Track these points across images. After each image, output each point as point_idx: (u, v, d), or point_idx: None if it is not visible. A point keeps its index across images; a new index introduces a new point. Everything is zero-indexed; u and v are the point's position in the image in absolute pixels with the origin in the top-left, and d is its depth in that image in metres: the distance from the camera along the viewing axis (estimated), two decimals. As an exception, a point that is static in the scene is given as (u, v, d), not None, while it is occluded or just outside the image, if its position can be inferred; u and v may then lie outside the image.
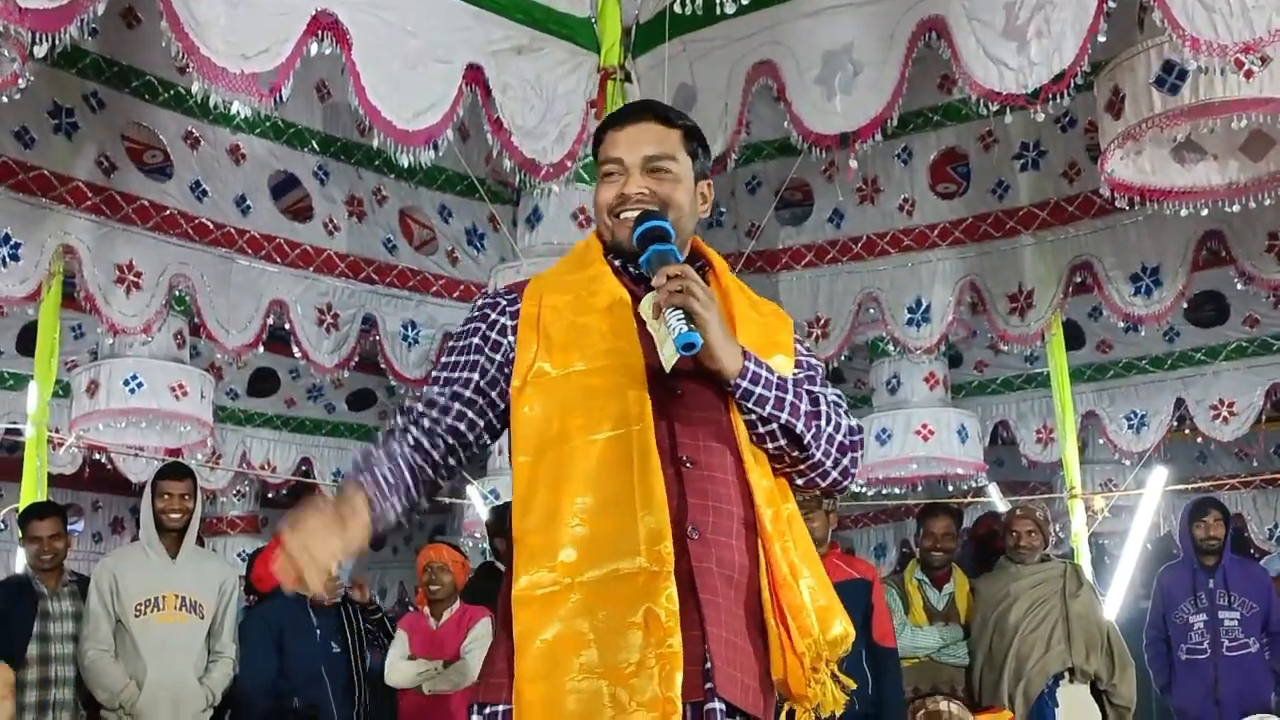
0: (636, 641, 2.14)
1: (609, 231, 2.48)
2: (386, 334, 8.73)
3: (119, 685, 5.60)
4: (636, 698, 2.12)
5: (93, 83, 7.19)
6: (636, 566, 2.18)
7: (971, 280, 8.29)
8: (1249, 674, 6.73)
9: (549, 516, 2.23)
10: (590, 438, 2.26)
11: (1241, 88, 5.38)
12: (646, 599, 2.16)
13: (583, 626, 2.16)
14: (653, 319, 2.29)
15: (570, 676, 2.13)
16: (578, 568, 2.18)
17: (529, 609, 2.19)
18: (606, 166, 2.49)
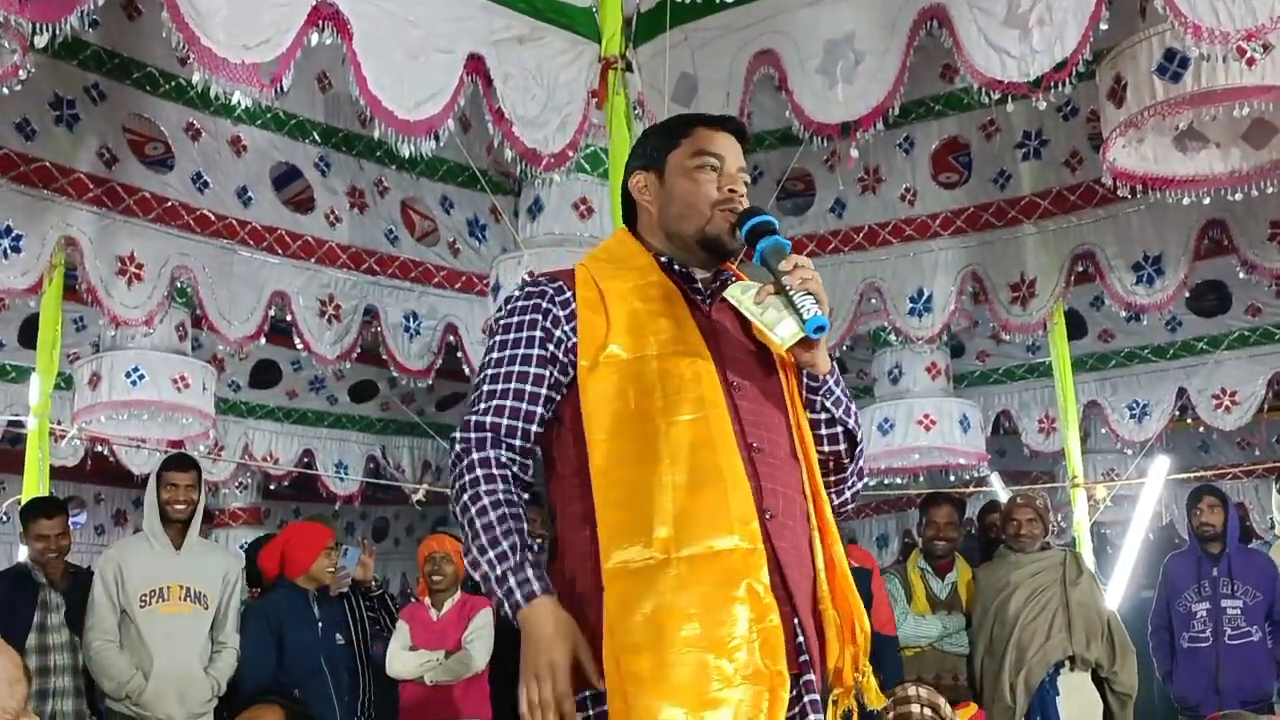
0: (740, 616, 2.18)
1: (703, 220, 2.50)
2: (388, 325, 8.73)
3: (125, 675, 5.61)
4: (741, 671, 2.15)
5: (93, 74, 7.18)
6: (732, 544, 2.21)
7: (973, 270, 8.28)
8: (1250, 663, 6.73)
9: (637, 493, 2.24)
10: (672, 419, 2.29)
11: (1244, 75, 5.37)
12: (745, 575, 2.21)
13: (683, 601, 2.17)
14: (754, 304, 2.37)
15: (675, 649, 2.14)
16: (676, 543, 2.20)
17: (623, 582, 2.19)
18: (705, 159, 2.53)
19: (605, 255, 2.60)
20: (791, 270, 2.35)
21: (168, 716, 5.62)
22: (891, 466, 9.51)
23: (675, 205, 2.54)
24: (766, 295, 2.38)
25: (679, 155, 2.56)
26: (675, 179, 2.55)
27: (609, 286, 2.45)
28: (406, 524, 15.10)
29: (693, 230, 2.51)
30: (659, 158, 2.59)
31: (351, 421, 11.99)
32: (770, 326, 2.35)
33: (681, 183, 2.54)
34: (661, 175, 2.58)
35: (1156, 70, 5.57)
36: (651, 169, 2.60)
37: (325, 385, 11.58)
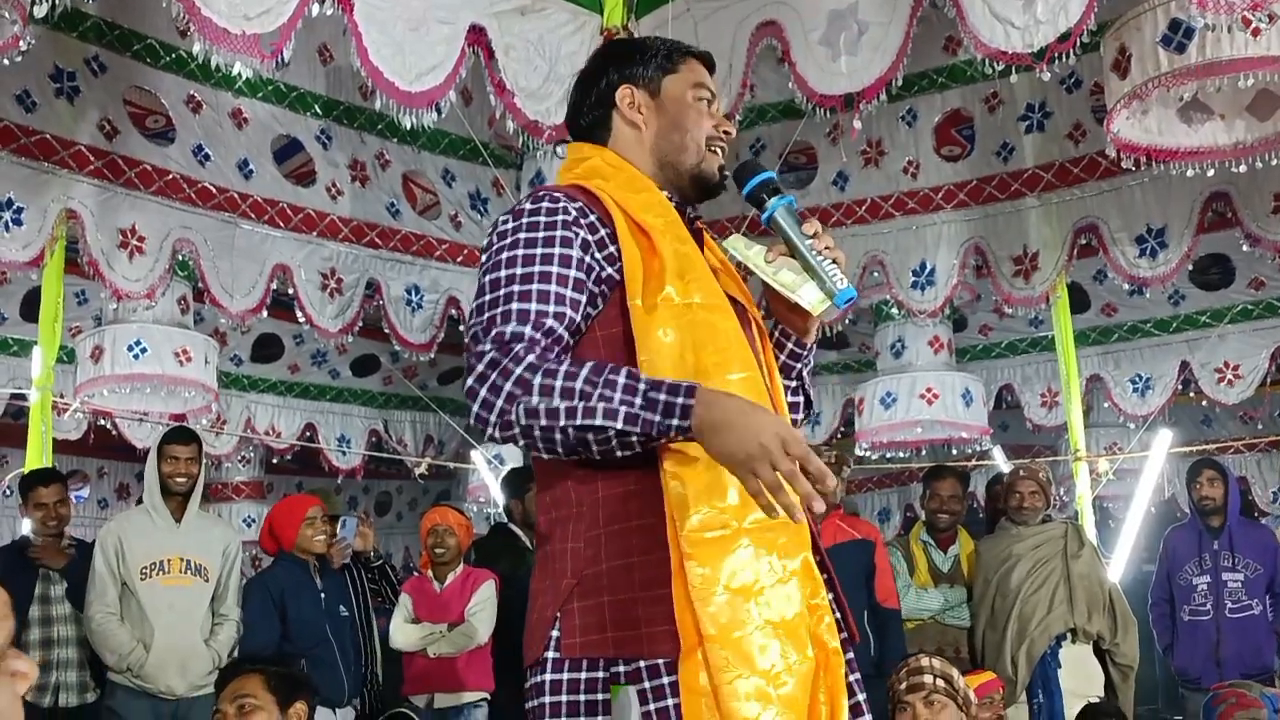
0: (797, 591, 2.09)
1: (698, 155, 2.39)
2: (390, 299, 8.72)
3: (127, 648, 5.62)
4: (800, 649, 2.06)
5: (94, 46, 7.15)
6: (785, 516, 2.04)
7: (976, 243, 8.27)
8: (1251, 636, 6.74)
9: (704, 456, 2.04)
10: (726, 376, 2.11)
11: (1249, 46, 5.33)
12: (801, 548, 2.13)
13: (755, 574, 2.04)
14: (764, 261, 2.28)
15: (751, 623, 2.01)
16: (743, 511, 2.05)
17: (709, 551, 2.02)
18: (703, 93, 2.43)
19: (619, 180, 2.35)
20: (814, 234, 2.27)
21: (169, 688, 5.64)
22: (894, 440, 9.51)
23: (675, 133, 2.39)
24: (779, 255, 2.28)
25: (678, 82, 2.43)
26: (675, 105, 2.41)
27: (648, 220, 2.25)
28: (409, 498, 15.14)
29: (690, 164, 2.39)
30: (654, 79, 2.43)
31: (354, 395, 12.00)
32: (791, 290, 2.25)
33: (684, 111, 2.41)
34: (656, 96, 2.43)
35: (1161, 41, 5.54)
36: (643, 86, 2.43)
37: (327, 359, 11.58)
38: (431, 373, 12.38)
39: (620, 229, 2.20)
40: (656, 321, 2.12)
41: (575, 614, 2.08)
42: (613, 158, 2.39)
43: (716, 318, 2.17)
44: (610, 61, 2.48)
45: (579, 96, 2.49)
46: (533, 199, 2.23)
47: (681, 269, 2.19)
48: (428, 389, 12.07)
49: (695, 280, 2.19)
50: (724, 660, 1.98)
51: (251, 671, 3.63)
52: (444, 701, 6.13)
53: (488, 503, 11.11)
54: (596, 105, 2.44)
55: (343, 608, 6.19)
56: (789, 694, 2.01)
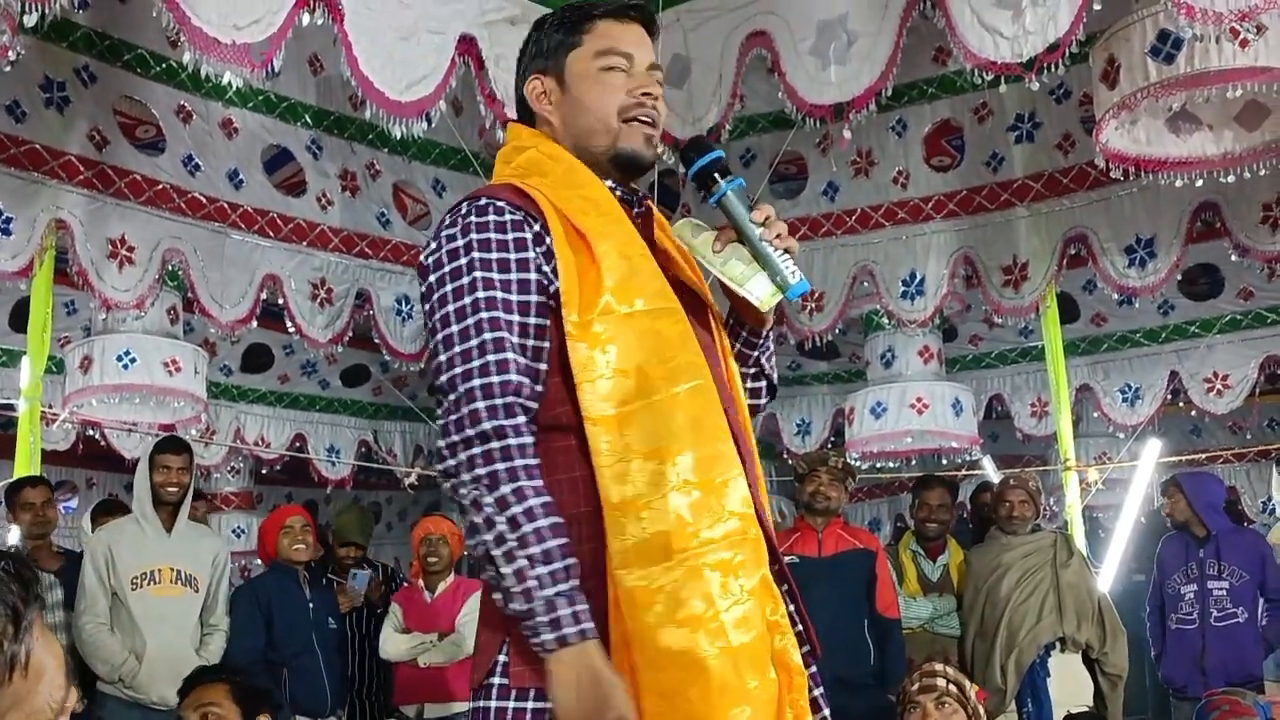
0: (758, 610, 1.97)
1: (610, 135, 2.16)
2: (380, 309, 8.72)
3: (119, 658, 5.60)
4: (761, 672, 1.95)
5: (84, 56, 7.15)
6: (742, 531, 1.97)
7: (965, 253, 8.30)
8: (1236, 644, 6.74)
9: (652, 481, 1.94)
10: (673, 390, 1.98)
11: (1237, 57, 5.36)
12: (758, 566, 1.99)
13: (704, 600, 1.92)
14: (711, 252, 2.12)
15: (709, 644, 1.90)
16: (691, 534, 1.93)
17: (640, 584, 1.91)
18: (612, 60, 2.17)
19: (557, 175, 2.15)
20: (764, 222, 2.09)
21: (160, 699, 5.61)
22: (884, 450, 9.51)
23: (581, 116, 2.17)
24: (727, 243, 2.11)
25: (581, 56, 2.17)
26: (579, 84, 2.17)
27: (586, 222, 2.06)
28: (399, 509, 15.11)
29: (604, 145, 2.15)
30: (558, 58, 2.19)
31: (343, 406, 11.98)
32: (740, 283, 2.10)
33: (587, 89, 2.16)
34: (562, 80, 2.19)
35: (1150, 51, 5.56)
36: (550, 72, 2.20)
37: (317, 369, 11.56)
38: (422, 383, 12.36)
39: (557, 237, 2.04)
40: (592, 340, 1.99)
41: (524, 641, 1.93)
42: (550, 148, 2.19)
43: (662, 324, 2.03)
44: (530, 41, 2.27)
45: (517, 75, 2.30)
46: (476, 210, 2.06)
47: (623, 274, 2.03)
48: (418, 399, 12.06)
49: (640, 284, 2.05)
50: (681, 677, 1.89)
51: (216, 680, 3.62)
52: (434, 712, 6.11)
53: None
54: (520, 90, 2.27)
55: (331, 619, 6.18)
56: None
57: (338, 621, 6.27)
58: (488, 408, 1.94)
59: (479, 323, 1.98)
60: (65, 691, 1.20)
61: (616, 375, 1.98)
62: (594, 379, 1.98)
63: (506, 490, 1.90)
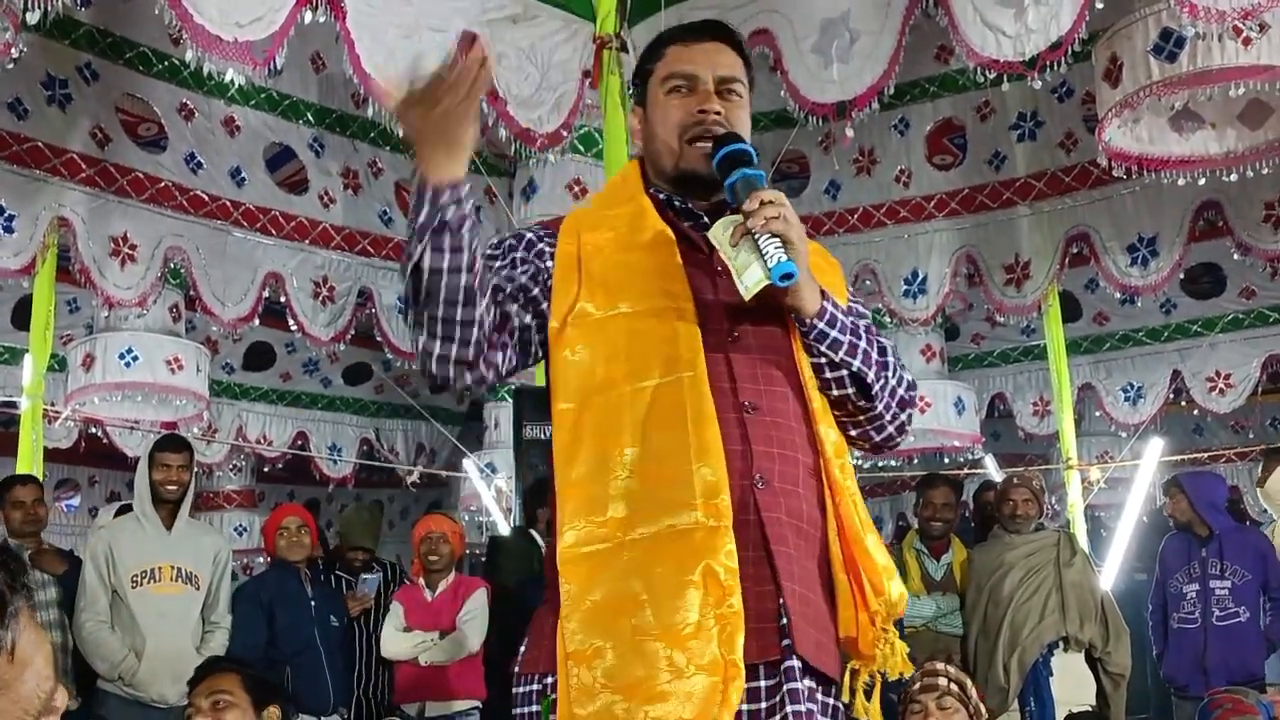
0: (694, 601, 1.97)
1: (673, 155, 2.26)
2: (382, 307, 8.72)
3: (119, 656, 5.59)
4: (695, 660, 1.95)
5: (86, 54, 7.16)
6: (692, 522, 1.99)
7: (968, 251, 8.30)
8: (1237, 643, 6.73)
9: (596, 469, 2.04)
10: (638, 385, 2.07)
11: (1240, 55, 5.36)
12: (704, 556, 1.99)
13: (636, 586, 1.98)
14: (729, 245, 2.13)
15: (625, 638, 1.95)
16: (629, 524, 2.00)
17: (577, 569, 2.01)
18: (674, 83, 2.27)
19: (602, 197, 2.40)
20: (755, 209, 2.09)
21: (161, 697, 5.60)
22: (886, 449, 9.50)
23: (652, 141, 2.30)
24: (740, 235, 2.12)
25: (653, 84, 2.30)
26: (652, 111, 2.30)
27: (589, 239, 2.21)
28: (401, 507, 15.11)
29: (669, 167, 2.26)
30: (641, 90, 2.34)
31: (345, 404, 11.99)
32: (739, 272, 2.11)
33: (654, 114, 2.29)
34: (644, 108, 2.34)
35: (1152, 50, 5.56)
36: (640, 104, 2.35)
37: (319, 367, 11.57)
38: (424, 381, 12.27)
39: (559, 255, 2.21)
40: (564, 342, 2.13)
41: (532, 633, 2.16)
42: (629, 170, 2.37)
43: (642, 324, 2.12)
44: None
45: None
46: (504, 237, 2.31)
47: (610, 281, 2.15)
48: (420, 398, 12.06)
49: (628, 289, 2.14)
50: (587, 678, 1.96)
51: (228, 670, 3.61)
52: (435, 710, 6.10)
53: (479, 511, 11.08)
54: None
55: (333, 617, 6.18)
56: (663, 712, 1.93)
57: (340, 619, 6.25)
58: None
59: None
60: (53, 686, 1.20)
61: (580, 373, 2.11)
62: (562, 377, 2.13)
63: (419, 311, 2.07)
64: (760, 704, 2.03)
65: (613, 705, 1.94)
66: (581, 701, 1.95)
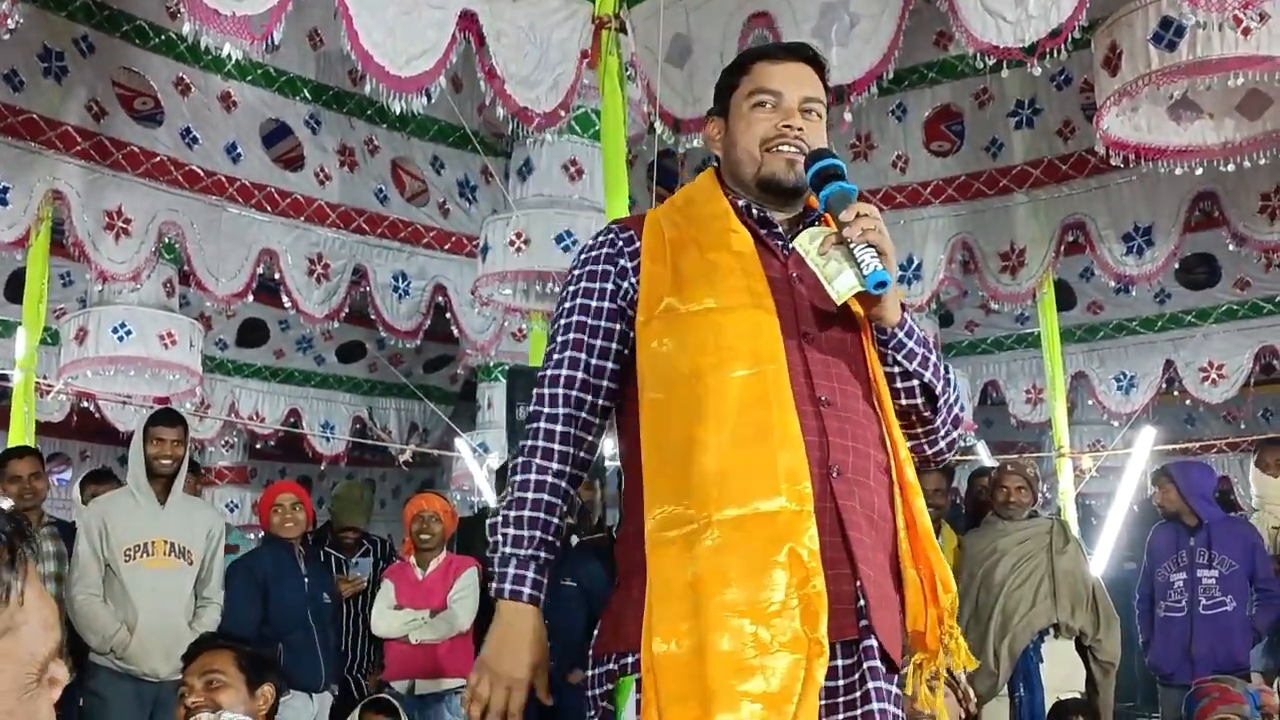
0: (780, 581, 2.06)
1: (755, 164, 2.40)
2: (377, 285, 8.72)
3: (111, 629, 5.58)
4: (779, 638, 2.03)
5: (83, 26, 7.14)
6: (777, 506, 2.10)
7: (963, 238, 8.29)
8: (1224, 633, 6.75)
9: (684, 454, 2.14)
10: (724, 375, 2.18)
11: (1239, 45, 5.34)
12: (789, 538, 2.08)
13: (723, 565, 2.06)
14: (818, 254, 2.25)
15: (713, 614, 2.04)
16: (717, 506, 2.09)
17: (666, 550, 2.11)
18: (759, 97, 2.42)
19: (682, 200, 2.50)
20: (852, 220, 2.23)
21: (153, 671, 5.60)
22: (878, 434, 9.51)
23: (733, 150, 2.44)
24: (830, 245, 2.25)
25: (738, 96, 2.45)
26: (735, 124, 2.44)
27: (675, 235, 2.36)
28: (393, 485, 15.12)
29: (750, 175, 2.40)
30: (724, 101, 2.49)
31: (338, 382, 11.99)
32: (829, 280, 2.23)
33: (737, 126, 2.44)
34: (727, 120, 2.48)
35: (1152, 39, 5.54)
36: (720, 115, 2.50)
37: (313, 345, 11.56)
38: (417, 360, 12.36)
39: (646, 252, 2.36)
40: (652, 334, 2.26)
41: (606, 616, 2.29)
42: (706, 179, 2.52)
43: (729, 319, 2.23)
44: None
45: None
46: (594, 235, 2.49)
47: (695, 276, 2.29)
48: (413, 376, 12.06)
49: (713, 286, 2.27)
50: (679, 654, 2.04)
51: (222, 648, 3.60)
52: (425, 688, 6.12)
53: (471, 490, 11.09)
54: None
55: (326, 594, 6.18)
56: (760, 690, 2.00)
57: (332, 597, 6.26)
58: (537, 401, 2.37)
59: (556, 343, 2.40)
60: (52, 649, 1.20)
61: (668, 364, 2.23)
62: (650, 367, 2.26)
63: (519, 460, 2.34)
64: (838, 681, 2.14)
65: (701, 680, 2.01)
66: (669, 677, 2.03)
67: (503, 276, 7.89)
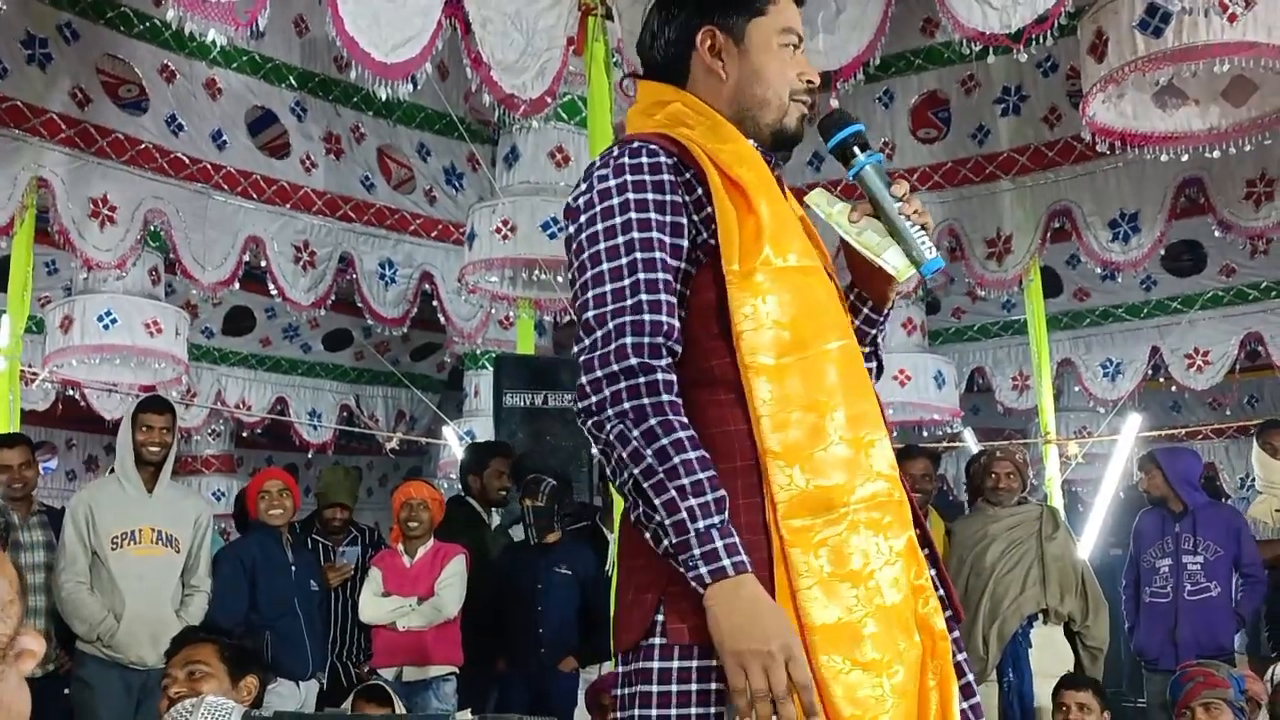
0: (903, 573, 1.99)
1: (780, 111, 2.17)
2: (363, 273, 8.71)
3: (97, 617, 5.58)
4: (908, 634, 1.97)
5: (67, 13, 7.10)
6: (888, 491, 2.00)
7: (950, 225, 8.31)
8: (1208, 618, 6.78)
9: (811, 433, 1.95)
10: (824, 346, 2.00)
11: (1225, 31, 5.36)
12: (904, 528, 2.02)
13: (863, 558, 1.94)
14: (849, 222, 2.13)
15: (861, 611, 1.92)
16: (848, 490, 1.95)
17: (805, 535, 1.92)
18: (789, 38, 2.18)
19: (704, 131, 2.12)
20: (904, 197, 2.11)
21: (140, 659, 5.60)
22: (865, 421, 9.53)
23: (758, 85, 2.16)
24: (864, 215, 2.12)
25: (764, 27, 2.17)
26: (760, 55, 2.16)
27: (742, 174, 2.04)
28: (380, 474, 15.09)
29: (771, 118, 2.16)
30: (738, 21, 2.17)
31: (325, 370, 11.96)
32: (877, 253, 2.11)
33: (768, 61, 2.16)
34: (740, 43, 2.17)
35: (1138, 25, 5.56)
36: (726, 31, 2.17)
37: (299, 333, 11.53)
38: (404, 348, 12.34)
39: (714, 186, 2.02)
40: (754, 289, 1.98)
41: (681, 598, 1.90)
42: (694, 102, 2.16)
43: (813, 281, 2.05)
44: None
45: (656, 27, 2.23)
46: (629, 151, 2.04)
47: (776, 228, 2.02)
48: (400, 364, 12.05)
49: (791, 240, 2.04)
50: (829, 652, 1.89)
51: (205, 640, 3.60)
52: (412, 675, 6.11)
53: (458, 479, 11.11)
54: (675, 43, 2.20)
55: (313, 582, 6.18)
56: (900, 683, 1.93)
57: (319, 584, 6.26)
58: (634, 345, 1.93)
59: (633, 262, 1.97)
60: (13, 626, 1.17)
61: (775, 327, 1.97)
62: (756, 328, 1.97)
63: (654, 423, 1.89)
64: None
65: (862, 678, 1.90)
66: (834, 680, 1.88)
67: (489, 264, 7.89)
